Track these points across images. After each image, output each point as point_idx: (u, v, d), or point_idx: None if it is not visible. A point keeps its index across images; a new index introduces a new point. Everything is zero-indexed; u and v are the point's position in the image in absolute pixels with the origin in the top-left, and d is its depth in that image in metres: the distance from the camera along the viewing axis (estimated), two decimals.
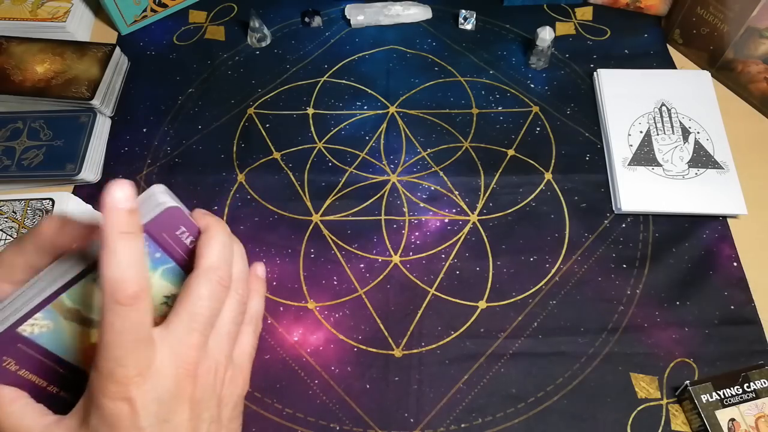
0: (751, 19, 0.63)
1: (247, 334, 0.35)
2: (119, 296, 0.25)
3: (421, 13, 0.76)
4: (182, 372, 0.28)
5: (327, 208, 0.62)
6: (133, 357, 0.26)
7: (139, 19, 0.76)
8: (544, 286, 0.57)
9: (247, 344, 0.35)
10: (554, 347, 0.54)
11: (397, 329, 0.55)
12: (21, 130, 0.64)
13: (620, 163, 0.63)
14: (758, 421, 0.48)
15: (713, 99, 0.67)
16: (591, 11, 0.76)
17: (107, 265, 0.25)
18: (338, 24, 0.76)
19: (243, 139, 0.67)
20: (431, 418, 0.51)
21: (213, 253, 0.30)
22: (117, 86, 0.70)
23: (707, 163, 0.62)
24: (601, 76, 0.69)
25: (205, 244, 0.31)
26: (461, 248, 0.59)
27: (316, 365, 0.54)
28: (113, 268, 0.25)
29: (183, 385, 0.28)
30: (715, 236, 0.59)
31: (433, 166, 0.65)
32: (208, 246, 0.31)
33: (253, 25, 0.72)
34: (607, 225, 0.61)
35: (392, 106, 0.69)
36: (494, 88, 0.70)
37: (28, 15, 0.73)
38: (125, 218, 0.25)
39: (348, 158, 0.66)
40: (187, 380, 0.28)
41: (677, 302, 0.56)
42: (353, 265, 0.59)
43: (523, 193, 0.63)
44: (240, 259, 0.33)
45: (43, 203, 0.60)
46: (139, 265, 0.26)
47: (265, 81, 0.71)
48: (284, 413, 0.52)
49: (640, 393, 0.52)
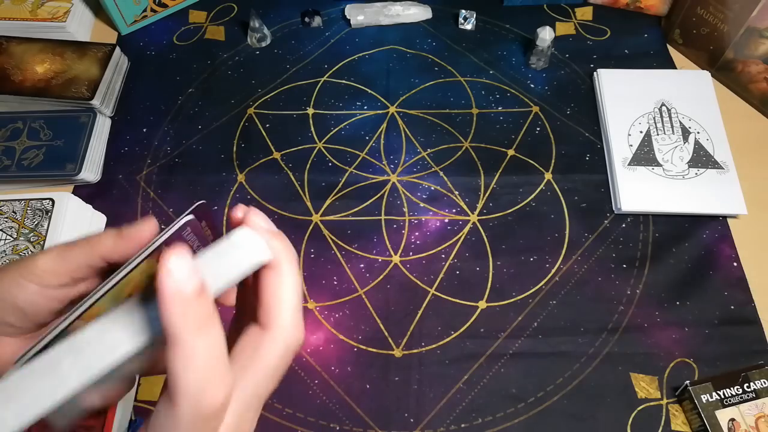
0: (751, 19, 0.63)
1: None
2: (205, 409, 0.20)
3: (421, 13, 0.76)
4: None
5: (327, 208, 0.62)
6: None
7: (139, 19, 0.76)
8: (544, 286, 0.57)
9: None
10: (554, 347, 0.54)
11: (397, 329, 0.55)
12: (21, 130, 0.64)
13: (620, 163, 0.63)
14: (758, 421, 0.48)
15: (713, 99, 0.67)
16: (591, 11, 0.76)
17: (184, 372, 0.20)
18: (338, 24, 0.76)
19: (243, 139, 0.67)
20: (431, 418, 0.51)
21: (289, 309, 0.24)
22: (117, 86, 0.70)
23: (707, 163, 0.62)
24: (601, 76, 0.69)
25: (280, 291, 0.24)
26: (461, 248, 0.59)
27: (316, 365, 0.54)
28: (194, 376, 0.20)
29: None
30: (715, 236, 0.59)
31: (433, 166, 0.65)
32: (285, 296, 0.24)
33: (253, 25, 0.72)
34: (607, 225, 0.61)
35: (392, 106, 0.69)
36: (494, 88, 0.70)
37: (28, 15, 0.73)
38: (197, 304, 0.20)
39: (348, 158, 0.66)
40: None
41: (677, 302, 0.56)
42: (353, 265, 0.59)
43: (523, 193, 0.63)
44: None
45: (43, 203, 0.60)
46: (224, 364, 0.21)
47: (265, 81, 0.71)
48: (284, 413, 0.52)
49: (640, 393, 0.52)
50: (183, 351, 0.19)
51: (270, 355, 0.24)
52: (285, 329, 0.24)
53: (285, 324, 0.24)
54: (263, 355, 0.23)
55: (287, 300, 0.24)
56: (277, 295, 0.24)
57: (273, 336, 0.24)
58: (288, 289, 0.24)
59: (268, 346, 0.24)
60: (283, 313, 0.24)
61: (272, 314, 0.24)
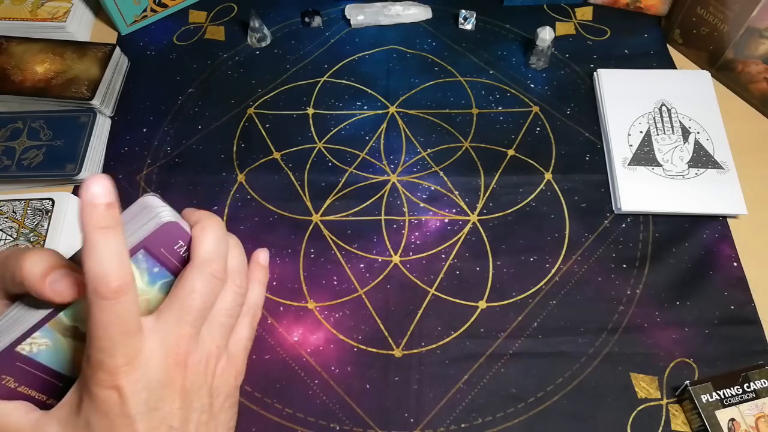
0: (751, 19, 0.63)
1: (243, 326, 0.34)
2: (102, 290, 0.25)
3: (421, 13, 0.76)
4: (172, 362, 0.28)
5: (327, 208, 0.62)
6: (120, 347, 0.26)
7: (139, 19, 0.76)
8: (544, 286, 0.57)
9: (243, 335, 0.35)
10: (554, 347, 0.54)
11: (397, 329, 0.55)
12: (21, 130, 0.64)
13: (620, 163, 0.63)
14: (758, 421, 0.48)
15: (713, 99, 0.67)
16: (591, 11, 0.76)
17: (88, 260, 0.25)
18: (338, 24, 0.76)
19: (243, 139, 0.67)
20: (431, 418, 0.51)
21: (206, 246, 0.30)
22: (117, 86, 0.70)
23: (707, 163, 0.62)
24: (601, 76, 0.69)
25: (198, 238, 0.31)
26: (461, 248, 0.59)
27: (316, 365, 0.54)
28: (94, 262, 0.25)
29: (172, 375, 0.28)
30: (715, 236, 0.59)
31: (433, 166, 0.65)
32: (201, 239, 0.30)
33: (253, 25, 0.72)
34: (607, 225, 0.61)
35: (392, 106, 0.69)
36: (494, 88, 0.70)
37: (28, 15, 0.73)
38: (103, 213, 0.25)
39: (348, 158, 0.66)
40: (177, 370, 0.29)
41: (677, 302, 0.56)
42: (353, 265, 0.59)
43: (523, 193, 0.63)
44: (236, 251, 0.33)
45: (43, 203, 0.60)
46: (121, 258, 0.26)
47: (265, 81, 0.71)
48: (284, 413, 0.52)
49: (640, 393, 0.52)
50: (88, 244, 0.25)
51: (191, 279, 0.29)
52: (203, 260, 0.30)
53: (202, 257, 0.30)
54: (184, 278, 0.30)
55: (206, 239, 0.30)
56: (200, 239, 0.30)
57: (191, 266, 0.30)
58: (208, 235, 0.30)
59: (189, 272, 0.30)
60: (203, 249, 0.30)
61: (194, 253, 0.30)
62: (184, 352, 0.29)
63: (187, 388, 0.29)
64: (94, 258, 0.25)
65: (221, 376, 0.32)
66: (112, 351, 0.26)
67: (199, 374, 0.30)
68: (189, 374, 0.29)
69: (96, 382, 0.26)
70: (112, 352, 0.26)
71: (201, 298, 0.30)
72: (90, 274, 0.25)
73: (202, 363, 0.30)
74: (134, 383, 0.27)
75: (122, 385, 0.26)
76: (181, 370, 0.29)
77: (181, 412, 0.29)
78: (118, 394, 0.26)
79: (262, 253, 0.38)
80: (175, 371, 0.29)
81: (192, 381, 0.30)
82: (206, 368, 0.31)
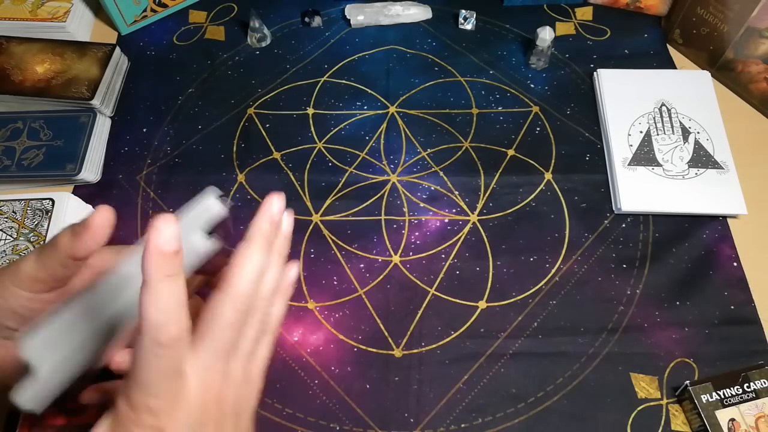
0: (751, 19, 0.63)
1: (263, 346, 0.34)
2: (162, 339, 0.25)
3: (421, 13, 0.76)
4: (209, 398, 0.29)
5: (327, 208, 0.62)
6: (165, 389, 0.26)
7: (139, 19, 0.76)
8: (544, 286, 0.57)
9: (264, 356, 0.34)
10: (554, 347, 0.54)
11: (397, 329, 0.55)
12: (21, 130, 0.64)
13: (620, 163, 0.63)
14: (758, 421, 0.48)
15: (713, 99, 0.67)
16: (591, 11, 0.76)
17: (149, 307, 0.25)
18: (338, 24, 0.76)
19: (243, 139, 0.67)
20: (431, 418, 0.51)
21: (243, 277, 0.29)
22: (117, 86, 0.70)
23: (707, 163, 0.62)
24: (601, 76, 0.69)
25: (239, 262, 0.30)
26: (461, 248, 0.59)
27: (316, 365, 0.54)
28: (156, 311, 0.25)
29: (209, 410, 0.29)
30: (715, 236, 0.59)
31: (433, 166, 0.65)
32: (239, 267, 0.30)
33: (253, 25, 0.72)
34: (607, 225, 0.61)
35: (392, 106, 0.69)
36: (494, 88, 0.70)
37: (28, 15, 0.73)
38: (171, 261, 0.25)
39: (348, 158, 0.66)
40: (213, 406, 0.29)
41: (677, 302, 0.56)
42: (353, 265, 0.59)
43: (523, 193, 0.63)
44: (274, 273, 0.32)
45: (43, 203, 0.60)
46: (181, 307, 0.26)
47: (265, 81, 0.71)
48: (284, 413, 0.52)
49: (640, 393, 0.52)
50: (151, 292, 0.25)
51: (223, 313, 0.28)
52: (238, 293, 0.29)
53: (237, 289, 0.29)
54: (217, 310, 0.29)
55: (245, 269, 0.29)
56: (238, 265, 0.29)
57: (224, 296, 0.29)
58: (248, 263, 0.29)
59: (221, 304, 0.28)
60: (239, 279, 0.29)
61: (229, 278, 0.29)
62: (219, 387, 0.29)
63: (221, 419, 0.30)
64: (156, 306, 0.25)
65: (245, 400, 0.32)
66: (157, 393, 0.26)
67: (230, 404, 0.31)
68: (222, 407, 0.30)
69: (138, 424, 0.26)
70: (157, 394, 0.26)
71: (232, 331, 0.29)
72: (150, 321, 0.25)
73: (232, 392, 0.31)
74: (176, 424, 0.27)
75: (165, 427, 0.27)
76: (216, 404, 0.29)
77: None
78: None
79: (293, 270, 0.36)
80: (212, 407, 0.29)
81: (224, 411, 0.30)
82: (235, 397, 0.31)
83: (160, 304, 0.25)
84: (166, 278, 0.25)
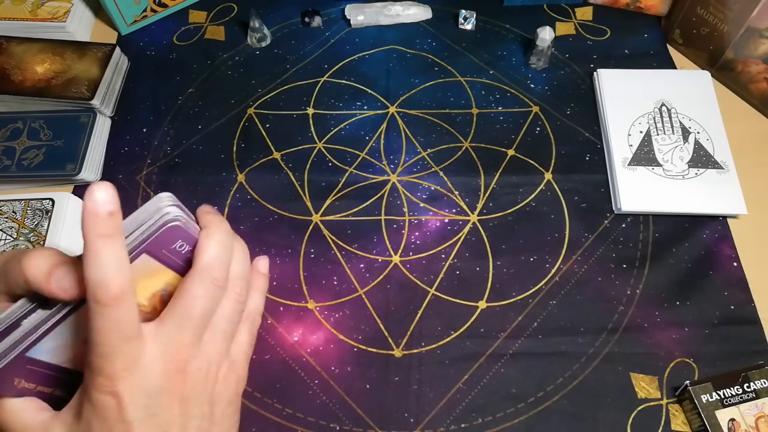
0: (751, 19, 0.63)
1: (243, 332, 0.35)
2: (101, 297, 0.25)
3: (421, 13, 0.76)
4: (172, 368, 0.28)
5: (327, 208, 0.62)
6: (119, 353, 0.26)
7: (139, 19, 0.76)
8: (544, 286, 0.57)
9: (244, 342, 0.35)
10: (554, 347, 0.54)
11: (397, 329, 0.55)
12: (21, 130, 0.64)
13: (620, 163, 0.63)
14: (758, 421, 0.48)
15: (713, 99, 0.67)
16: (591, 11, 0.76)
17: (89, 267, 0.25)
18: (338, 24, 0.76)
19: (243, 139, 0.67)
20: (431, 418, 0.51)
21: (209, 252, 0.31)
22: (117, 86, 0.70)
23: (707, 163, 0.62)
24: (601, 76, 0.69)
25: (203, 243, 0.31)
26: (461, 248, 0.59)
27: (316, 365, 0.54)
28: (94, 269, 0.25)
29: (172, 382, 0.29)
30: (715, 236, 0.59)
31: (433, 166, 0.65)
32: (205, 246, 0.31)
33: (253, 25, 0.72)
34: (607, 225, 0.61)
35: (392, 106, 0.69)
36: (494, 88, 0.70)
37: (28, 15, 0.73)
38: (105, 220, 0.25)
39: (348, 158, 0.66)
40: (177, 377, 0.29)
41: (677, 302, 0.56)
42: (353, 265, 0.59)
43: (523, 193, 0.63)
44: (241, 256, 0.33)
45: (43, 203, 0.60)
46: (121, 266, 0.26)
47: (265, 81, 0.71)
48: (284, 413, 0.52)
49: (640, 393, 0.52)
50: (89, 251, 0.25)
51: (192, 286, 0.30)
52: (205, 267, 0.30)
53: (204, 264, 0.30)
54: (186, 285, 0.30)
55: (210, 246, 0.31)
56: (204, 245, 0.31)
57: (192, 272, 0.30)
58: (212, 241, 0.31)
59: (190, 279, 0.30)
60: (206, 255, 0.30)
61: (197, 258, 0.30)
62: (185, 359, 0.29)
63: (187, 395, 0.29)
64: (94, 265, 0.25)
65: (222, 383, 0.32)
66: (111, 357, 0.26)
67: (200, 381, 0.30)
68: (189, 381, 0.30)
69: (95, 387, 0.27)
70: (111, 358, 0.26)
71: (202, 305, 0.30)
72: (90, 281, 0.25)
73: (203, 370, 0.30)
74: (132, 389, 0.27)
75: (120, 391, 0.27)
76: (181, 377, 0.29)
77: (180, 419, 0.29)
78: (116, 399, 0.27)
79: (262, 261, 0.38)
80: (175, 378, 0.29)
81: (192, 388, 0.30)
82: (207, 375, 0.31)
83: (98, 263, 0.25)
84: (101, 237, 0.25)
